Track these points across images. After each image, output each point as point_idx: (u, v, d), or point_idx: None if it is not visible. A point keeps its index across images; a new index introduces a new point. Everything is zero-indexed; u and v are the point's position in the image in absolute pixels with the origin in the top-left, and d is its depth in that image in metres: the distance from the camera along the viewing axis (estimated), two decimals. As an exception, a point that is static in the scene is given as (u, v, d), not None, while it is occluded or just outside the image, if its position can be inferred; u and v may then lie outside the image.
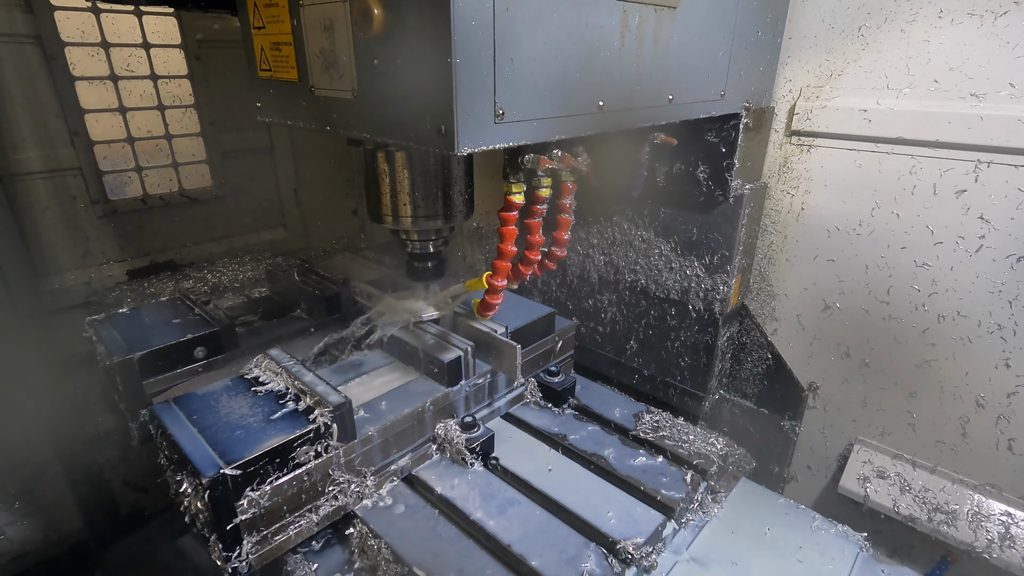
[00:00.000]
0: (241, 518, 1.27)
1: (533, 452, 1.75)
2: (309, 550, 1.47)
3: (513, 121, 1.11)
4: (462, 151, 1.04)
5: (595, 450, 1.73)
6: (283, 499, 1.35)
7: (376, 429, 1.53)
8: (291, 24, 1.25)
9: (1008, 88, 1.66)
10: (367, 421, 1.56)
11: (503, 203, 1.46)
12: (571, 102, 1.22)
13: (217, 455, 1.28)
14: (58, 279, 2.79)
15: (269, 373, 1.59)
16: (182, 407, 1.47)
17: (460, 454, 1.66)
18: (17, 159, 2.60)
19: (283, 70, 1.33)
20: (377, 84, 1.13)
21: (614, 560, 1.38)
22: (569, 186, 1.57)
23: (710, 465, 1.65)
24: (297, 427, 1.38)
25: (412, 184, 1.51)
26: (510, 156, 1.40)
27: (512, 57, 1.06)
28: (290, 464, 1.36)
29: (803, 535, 1.53)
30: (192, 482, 1.27)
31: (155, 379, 1.78)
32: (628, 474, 1.64)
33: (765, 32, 1.86)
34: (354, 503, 1.50)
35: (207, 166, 3.30)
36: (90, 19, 2.81)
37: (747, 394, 2.38)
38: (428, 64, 1.02)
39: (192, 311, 2.01)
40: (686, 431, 1.81)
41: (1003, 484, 1.87)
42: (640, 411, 1.92)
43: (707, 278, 2.09)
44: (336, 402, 1.42)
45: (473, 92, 1.02)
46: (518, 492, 1.59)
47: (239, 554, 1.29)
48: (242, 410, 1.46)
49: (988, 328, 1.80)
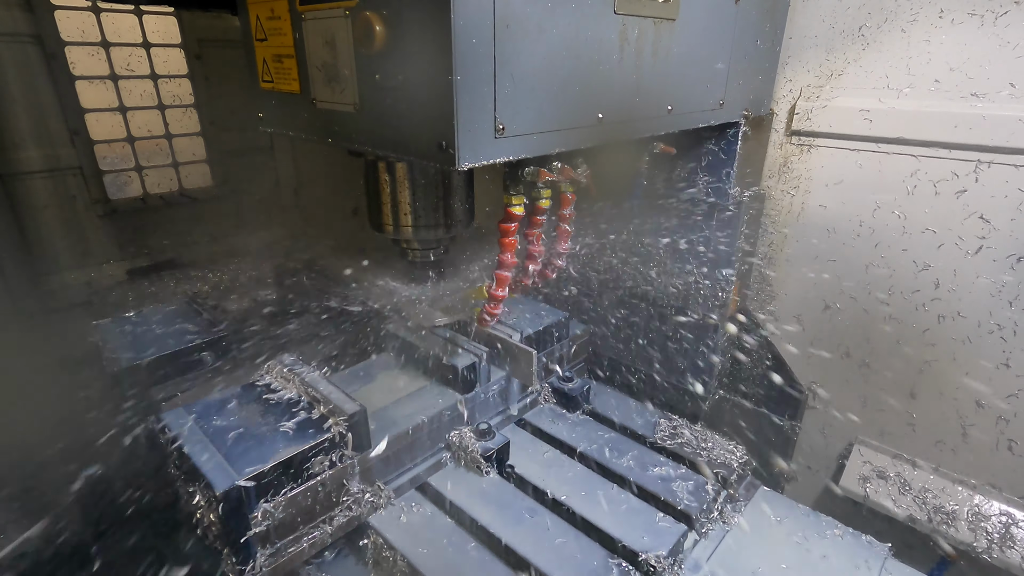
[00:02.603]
0: (255, 530, 1.26)
1: (549, 460, 1.72)
2: (323, 561, 1.45)
3: (513, 136, 1.11)
4: (463, 166, 1.05)
5: (612, 458, 1.70)
6: (297, 510, 1.33)
7: (390, 438, 1.50)
8: (293, 37, 1.26)
9: (1008, 88, 1.65)
10: (381, 429, 1.53)
11: (503, 214, 1.47)
12: (571, 115, 1.22)
13: (230, 467, 1.26)
14: (58, 278, 2.81)
15: (281, 380, 1.55)
16: (193, 415, 1.44)
17: (475, 462, 1.63)
18: (17, 158, 2.61)
19: (285, 82, 1.33)
20: (378, 98, 1.14)
21: (636, 574, 1.36)
22: (569, 197, 1.57)
23: (730, 473, 1.63)
24: (311, 437, 1.35)
25: (413, 194, 1.52)
26: (510, 169, 1.40)
27: (512, 73, 1.06)
28: (304, 475, 1.33)
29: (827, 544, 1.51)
30: (205, 495, 1.25)
31: (163, 384, 1.77)
32: (646, 483, 1.61)
33: (764, 41, 1.85)
34: (368, 513, 1.47)
35: (207, 166, 3.30)
36: (90, 18, 2.80)
37: (747, 394, 2.39)
38: (429, 80, 1.02)
39: (200, 315, 2.00)
40: (704, 438, 1.78)
41: (1003, 484, 1.88)
42: (657, 418, 1.89)
43: (707, 283, 2.09)
44: (351, 410, 1.38)
45: (474, 108, 1.03)
46: (535, 502, 1.56)
47: (252, 567, 1.27)
48: (254, 419, 1.42)
49: (988, 328, 1.81)
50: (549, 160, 1.39)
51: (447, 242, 1.69)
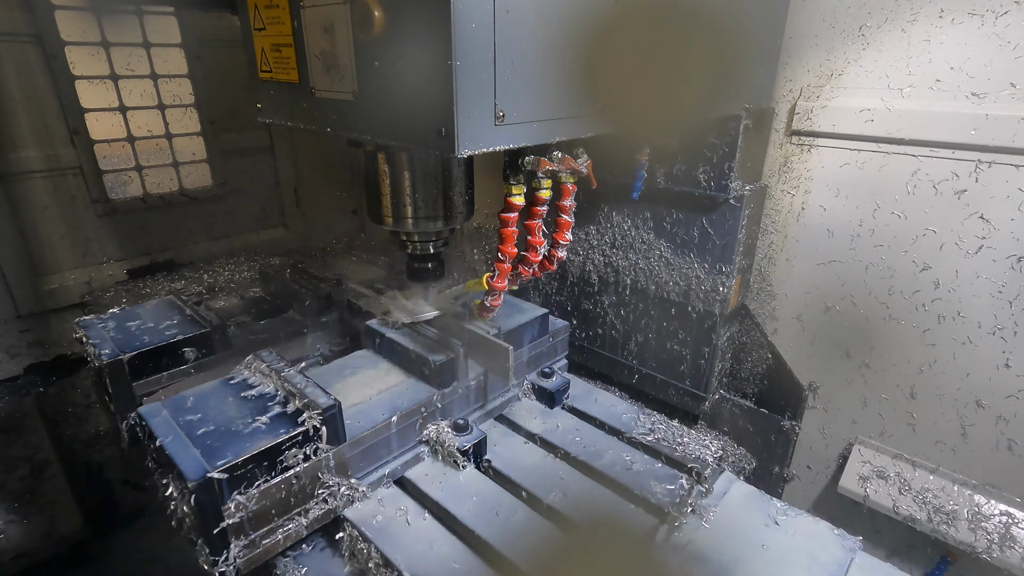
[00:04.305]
0: (228, 522, 1.25)
1: (526, 454, 1.73)
2: (299, 553, 1.46)
3: (513, 123, 1.11)
4: (462, 153, 1.04)
5: (588, 453, 1.71)
6: (271, 503, 1.33)
7: (366, 432, 1.51)
8: (292, 26, 1.25)
9: (1009, 88, 1.65)
10: (357, 423, 1.54)
11: (503, 204, 1.46)
12: (572, 103, 1.22)
13: (203, 458, 1.26)
14: (58, 278, 2.80)
15: (259, 375, 1.56)
16: (169, 409, 1.45)
17: (452, 456, 1.63)
18: (17, 158, 2.60)
19: (283, 71, 1.33)
20: (378, 86, 1.14)
21: None
22: (569, 187, 1.56)
23: (705, 468, 1.64)
24: (286, 430, 1.36)
25: (413, 185, 1.51)
26: (510, 158, 1.40)
27: (513, 59, 1.06)
28: (278, 467, 1.34)
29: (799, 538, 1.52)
30: (178, 485, 1.25)
31: (145, 380, 1.77)
32: (621, 477, 1.61)
33: (765, 33, 1.86)
34: (344, 506, 1.48)
35: (207, 165, 3.30)
36: (90, 18, 2.80)
37: (747, 394, 2.38)
38: (428, 66, 1.02)
39: (183, 312, 2.00)
40: (681, 434, 1.79)
41: (1003, 484, 1.87)
42: (635, 413, 1.90)
43: (707, 279, 2.09)
44: (325, 404, 1.40)
45: (473, 94, 1.02)
46: (511, 495, 1.56)
47: (227, 558, 1.27)
48: (230, 412, 1.43)
49: (988, 329, 1.80)
50: (550, 149, 1.39)
51: (447, 234, 1.68)
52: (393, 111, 1.13)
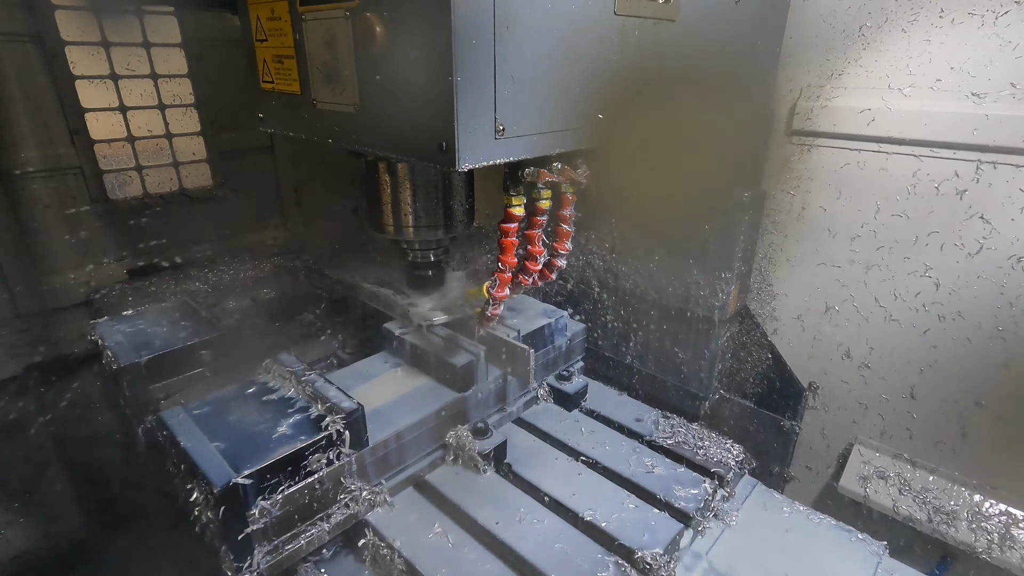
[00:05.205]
0: (252, 528, 1.26)
1: (546, 458, 1.73)
2: (321, 559, 1.46)
3: (514, 136, 1.11)
4: (463, 167, 1.05)
5: (610, 456, 1.71)
6: (294, 508, 1.34)
7: (388, 436, 1.51)
8: (293, 38, 1.26)
9: (1009, 88, 1.65)
10: (378, 428, 1.54)
11: (503, 214, 1.46)
12: (571, 116, 1.22)
13: (228, 464, 1.26)
14: (58, 278, 2.80)
15: (279, 379, 1.56)
16: (191, 414, 1.45)
17: (473, 460, 1.63)
18: (17, 158, 2.60)
19: (285, 82, 1.33)
20: (379, 99, 1.14)
21: (632, 571, 1.36)
22: (569, 197, 1.56)
23: (727, 472, 1.63)
24: (309, 435, 1.36)
25: (413, 195, 1.52)
26: (510, 169, 1.39)
27: (513, 74, 1.06)
28: (302, 472, 1.34)
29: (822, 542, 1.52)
30: (203, 492, 1.25)
31: (162, 383, 1.77)
32: (644, 481, 1.61)
33: (764, 39, 1.85)
34: (366, 511, 1.48)
35: (207, 165, 3.29)
36: (90, 18, 2.80)
37: (747, 394, 2.39)
38: (429, 81, 1.02)
39: (198, 314, 2.00)
40: (701, 436, 1.79)
41: (1003, 484, 1.88)
42: (655, 416, 1.89)
43: (706, 284, 2.09)
44: (348, 408, 1.39)
45: (474, 109, 1.03)
46: (532, 500, 1.57)
47: (250, 564, 1.28)
48: (252, 417, 1.43)
49: (989, 329, 1.81)
50: (549, 161, 1.39)
51: (448, 243, 1.68)
52: (394, 124, 1.13)
